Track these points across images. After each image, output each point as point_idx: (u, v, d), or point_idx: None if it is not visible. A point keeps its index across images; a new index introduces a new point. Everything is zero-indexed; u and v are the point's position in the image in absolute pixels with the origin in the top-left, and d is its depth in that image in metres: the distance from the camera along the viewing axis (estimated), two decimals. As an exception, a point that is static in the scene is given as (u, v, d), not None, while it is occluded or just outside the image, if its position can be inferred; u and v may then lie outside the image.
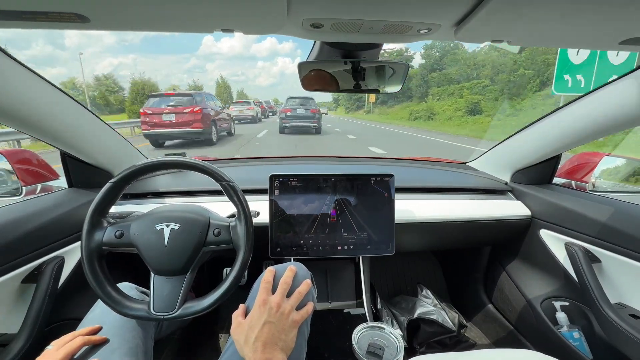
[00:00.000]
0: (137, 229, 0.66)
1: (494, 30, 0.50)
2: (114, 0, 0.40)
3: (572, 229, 0.92)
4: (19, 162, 1.03)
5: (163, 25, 0.49)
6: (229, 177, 0.68)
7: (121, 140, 1.02)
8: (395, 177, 0.95)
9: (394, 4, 0.44)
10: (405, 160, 1.59)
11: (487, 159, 1.31)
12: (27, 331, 0.69)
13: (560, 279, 0.99)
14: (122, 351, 0.60)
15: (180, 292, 0.65)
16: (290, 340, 0.56)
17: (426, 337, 1.18)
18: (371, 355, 0.73)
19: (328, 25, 0.51)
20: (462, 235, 1.11)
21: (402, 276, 1.57)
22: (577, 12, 0.43)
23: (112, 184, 0.65)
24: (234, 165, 1.37)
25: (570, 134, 0.89)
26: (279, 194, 0.92)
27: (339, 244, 0.94)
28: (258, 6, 0.43)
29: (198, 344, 1.24)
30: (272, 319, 0.56)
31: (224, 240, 0.68)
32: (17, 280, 0.72)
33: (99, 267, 0.64)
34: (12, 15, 0.42)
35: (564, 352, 0.90)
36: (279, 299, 0.59)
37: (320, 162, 1.46)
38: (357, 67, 0.72)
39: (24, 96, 0.66)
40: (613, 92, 0.75)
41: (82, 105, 0.83)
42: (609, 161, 1.17)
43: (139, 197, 1.02)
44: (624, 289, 0.82)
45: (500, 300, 1.22)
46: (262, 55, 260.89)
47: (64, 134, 0.81)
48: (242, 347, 0.54)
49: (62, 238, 0.81)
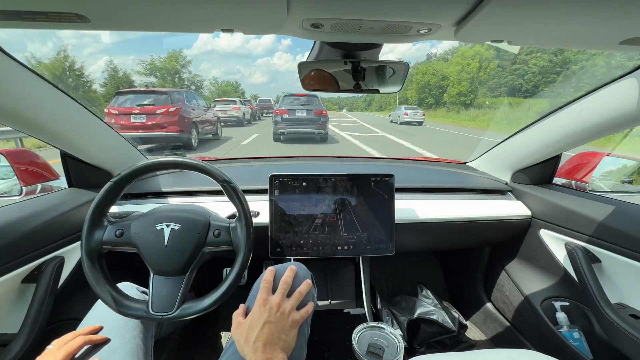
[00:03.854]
0: (137, 228, 0.66)
1: (494, 30, 0.50)
2: (114, 0, 0.40)
3: (572, 229, 0.92)
4: (19, 162, 1.03)
5: (163, 25, 0.49)
6: (229, 177, 0.68)
7: (121, 140, 1.02)
8: (395, 177, 0.95)
9: (394, 4, 0.44)
10: (405, 160, 1.59)
11: (487, 159, 1.31)
12: (27, 331, 0.69)
13: (560, 279, 0.99)
14: (123, 351, 0.60)
15: (179, 292, 0.65)
16: (290, 340, 0.56)
17: (426, 337, 1.18)
18: (371, 355, 0.73)
19: (328, 25, 0.51)
20: (462, 235, 1.11)
21: (402, 276, 1.57)
22: (577, 12, 0.43)
23: (112, 183, 0.65)
24: (234, 165, 1.37)
25: (570, 134, 0.89)
26: (279, 194, 0.92)
27: (339, 244, 0.94)
28: (258, 6, 0.43)
29: (198, 343, 1.24)
30: (273, 319, 0.56)
31: (223, 241, 0.68)
32: (17, 280, 0.72)
33: (98, 266, 0.64)
34: (12, 15, 0.42)
35: (564, 352, 0.90)
36: (279, 298, 0.59)
37: (320, 162, 1.46)
38: (357, 67, 0.72)
39: (24, 96, 0.66)
40: (613, 92, 0.75)
41: (83, 105, 0.83)
42: (609, 161, 1.17)
43: (139, 197, 1.02)
44: (624, 289, 0.82)
45: (501, 300, 1.22)
46: (258, 52, 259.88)
47: (64, 134, 0.81)
48: (242, 346, 0.54)
49: (62, 238, 0.82)
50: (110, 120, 6.20)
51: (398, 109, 19.54)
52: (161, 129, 6.34)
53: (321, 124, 8.12)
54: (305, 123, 8.06)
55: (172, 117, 6.42)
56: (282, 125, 8.07)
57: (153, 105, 6.41)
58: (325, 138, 8.70)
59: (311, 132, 8.16)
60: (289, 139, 8.57)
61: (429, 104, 39.69)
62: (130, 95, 6.68)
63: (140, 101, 6.43)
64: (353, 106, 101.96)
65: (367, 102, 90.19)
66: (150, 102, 6.45)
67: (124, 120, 6.24)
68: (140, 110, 6.29)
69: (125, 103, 6.46)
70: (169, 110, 6.39)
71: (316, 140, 8.61)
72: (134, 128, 6.24)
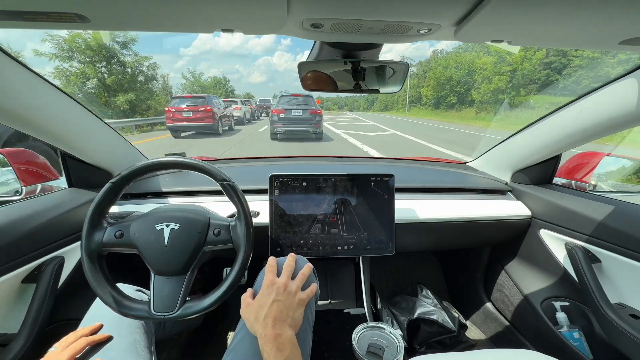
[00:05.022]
0: (137, 229, 0.66)
1: (494, 30, 0.50)
2: (114, 0, 0.40)
3: (572, 229, 0.92)
4: (19, 162, 1.03)
5: (163, 26, 0.49)
6: (228, 177, 0.68)
7: (121, 140, 1.02)
8: (395, 177, 0.95)
9: (394, 4, 0.44)
10: (405, 160, 1.59)
11: (487, 159, 1.31)
12: (27, 331, 0.69)
13: (560, 279, 0.99)
14: (121, 347, 0.61)
15: (181, 292, 0.65)
16: (298, 317, 0.58)
17: (426, 337, 1.18)
18: (371, 355, 0.73)
19: (328, 26, 0.51)
20: (462, 235, 1.11)
21: (402, 276, 1.57)
22: (577, 12, 0.43)
23: (112, 184, 0.65)
24: (234, 165, 1.37)
25: (570, 134, 0.89)
26: (279, 194, 0.92)
27: (339, 244, 0.94)
28: (258, 6, 0.43)
29: (204, 343, 1.24)
30: (280, 297, 0.58)
31: (224, 240, 0.68)
32: (17, 280, 0.72)
33: (99, 267, 0.64)
34: (12, 15, 0.42)
35: (564, 352, 0.90)
36: (284, 279, 0.62)
37: (320, 162, 1.46)
38: (357, 67, 0.72)
39: (25, 96, 0.66)
40: (613, 92, 0.75)
41: (83, 105, 0.83)
42: (609, 161, 1.17)
43: (139, 197, 1.02)
44: (624, 289, 0.82)
45: (501, 300, 1.22)
46: (256, 51, 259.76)
47: (64, 134, 0.81)
48: (252, 324, 0.56)
49: (62, 238, 0.82)
50: (169, 115, 9.98)
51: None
52: (201, 121, 10.04)
53: (316, 123, 8.63)
54: (300, 122, 8.55)
55: (208, 113, 10.06)
56: (279, 125, 8.56)
57: (195, 105, 10.08)
58: (320, 137, 9.06)
59: (306, 131, 8.67)
60: (286, 138, 9.09)
61: (450, 103, 31.94)
62: (180, 98, 10.75)
63: (186, 102, 10.28)
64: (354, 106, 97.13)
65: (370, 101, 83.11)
66: (192, 103, 10.17)
67: (177, 115, 9.97)
68: (187, 108, 10.05)
69: (177, 103, 10.23)
70: (206, 108, 10.03)
71: (312, 139, 8.98)
72: (185, 120, 10.02)
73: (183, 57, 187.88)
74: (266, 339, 0.51)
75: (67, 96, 0.78)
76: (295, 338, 0.54)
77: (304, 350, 0.57)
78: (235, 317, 0.64)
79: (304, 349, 0.60)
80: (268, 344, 0.51)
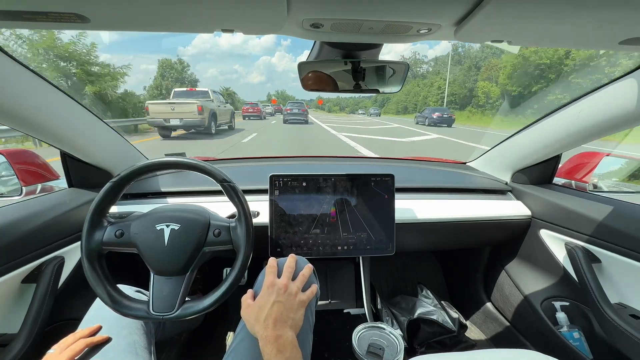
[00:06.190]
0: (137, 229, 0.66)
1: (494, 30, 0.50)
2: (114, 1, 0.40)
3: (572, 229, 0.92)
4: (19, 162, 1.03)
5: (163, 26, 0.50)
6: (229, 177, 0.68)
7: (121, 140, 1.02)
8: (395, 177, 0.95)
9: (394, 4, 0.44)
10: (405, 160, 1.59)
11: (487, 159, 1.31)
12: (27, 331, 0.69)
13: (560, 279, 0.99)
14: (120, 348, 0.61)
15: (180, 292, 0.65)
16: (298, 319, 0.58)
17: (426, 337, 1.18)
18: (371, 355, 0.73)
19: (328, 25, 0.51)
20: (462, 236, 1.11)
21: (402, 276, 1.57)
22: (577, 12, 0.43)
23: (112, 183, 0.65)
24: (234, 165, 1.37)
25: (570, 134, 0.89)
26: (279, 194, 0.92)
27: (339, 244, 0.94)
28: (258, 6, 0.43)
29: (204, 343, 1.23)
30: (281, 299, 0.58)
31: (224, 240, 0.68)
32: (17, 280, 0.72)
33: (99, 266, 0.64)
34: (12, 15, 0.42)
35: (564, 352, 0.90)
36: (285, 281, 0.62)
37: (320, 162, 1.46)
38: (357, 67, 0.72)
39: (24, 96, 0.66)
40: (613, 92, 0.75)
41: (83, 105, 0.83)
42: (609, 161, 1.18)
43: (139, 197, 1.02)
44: (624, 289, 0.82)
45: (501, 300, 1.22)
46: (256, 51, 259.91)
47: (64, 134, 0.81)
48: (252, 325, 0.57)
49: (62, 238, 0.81)
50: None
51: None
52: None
53: (304, 115, 17.98)
54: (298, 115, 17.67)
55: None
56: (287, 116, 17.76)
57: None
58: (307, 122, 18.10)
59: (300, 119, 17.66)
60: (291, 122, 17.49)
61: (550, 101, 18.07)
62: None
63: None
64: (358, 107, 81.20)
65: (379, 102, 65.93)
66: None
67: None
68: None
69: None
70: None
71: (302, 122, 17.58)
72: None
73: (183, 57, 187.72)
74: (267, 340, 0.51)
75: (67, 96, 0.77)
76: (295, 339, 0.54)
77: (304, 352, 0.57)
78: (235, 317, 0.63)
79: (305, 350, 0.60)
80: (268, 345, 0.51)
